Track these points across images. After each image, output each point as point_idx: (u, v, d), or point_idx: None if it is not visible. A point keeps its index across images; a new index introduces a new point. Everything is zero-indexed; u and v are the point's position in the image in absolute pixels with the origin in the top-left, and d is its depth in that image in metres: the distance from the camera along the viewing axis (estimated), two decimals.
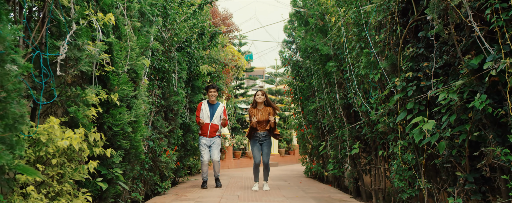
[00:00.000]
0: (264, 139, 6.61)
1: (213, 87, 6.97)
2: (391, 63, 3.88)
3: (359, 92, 4.82)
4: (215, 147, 6.99)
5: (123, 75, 3.38)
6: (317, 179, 9.30)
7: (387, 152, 4.71)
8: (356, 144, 5.61)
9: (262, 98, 6.59)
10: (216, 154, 6.99)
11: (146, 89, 4.77)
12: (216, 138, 7.05)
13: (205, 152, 6.94)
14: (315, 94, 8.12)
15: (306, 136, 8.99)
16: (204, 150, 6.94)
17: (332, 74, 6.24)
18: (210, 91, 6.97)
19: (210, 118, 6.97)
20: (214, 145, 6.99)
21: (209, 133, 6.96)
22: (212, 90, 6.96)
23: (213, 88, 6.96)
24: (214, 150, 6.98)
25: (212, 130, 6.98)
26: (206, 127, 6.98)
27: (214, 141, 7.00)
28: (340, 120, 6.31)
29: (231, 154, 15.63)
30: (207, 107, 7.01)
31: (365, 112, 5.03)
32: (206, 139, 6.98)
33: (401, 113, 3.75)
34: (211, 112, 6.99)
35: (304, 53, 7.37)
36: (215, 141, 7.01)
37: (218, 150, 7.02)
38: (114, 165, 3.44)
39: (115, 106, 3.38)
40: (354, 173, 6.09)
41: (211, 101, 7.04)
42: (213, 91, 6.96)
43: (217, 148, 7.02)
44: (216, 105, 7.09)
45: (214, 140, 7.01)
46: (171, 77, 6.21)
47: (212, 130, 6.98)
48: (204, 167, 7.05)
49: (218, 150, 7.04)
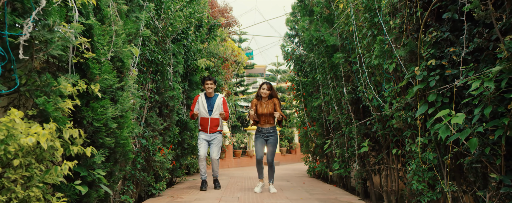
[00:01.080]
0: (269, 135, 6.06)
1: (210, 79, 6.42)
2: (409, 51, 3.45)
3: (370, 85, 4.39)
4: (215, 144, 6.46)
5: (105, 63, 2.95)
6: (321, 179, 8.87)
7: (401, 151, 4.28)
8: (365, 142, 5.18)
9: (267, 93, 6.02)
10: (216, 151, 6.45)
11: (136, 82, 4.34)
12: (217, 134, 6.51)
13: (202, 146, 6.38)
14: (319, 89, 7.69)
15: (310, 134, 8.56)
16: (202, 144, 6.39)
17: (338, 67, 5.81)
18: (207, 83, 6.43)
19: (209, 112, 6.45)
20: (215, 141, 6.47)
21: (209, 128, 6.44)
22: (209, 82, 6.40)
23: (210, 80, 6.41)
24: (214, 147, 6.45)
25: (213, 125, 6.46)
26: (205, 121, 6.46)
27: (214, 137, 6.48)
28: (347, 116, 5.89)
29: (231, 153, 15.22)
30: (204, 100, 6.47)
31: (376, 107, 4.60)
32: (206, 135, 6.46)
33: (421, 106, 3.32)
34: (209, 105, 6.47)
35: (308, 46, 6.94)
36: (216, 138, 6.48)
37: (218, 147, 6.49)
38: (96, 166, 3.02)
39: (97, 98, 2.95)
40: (362, 173, 5.66)
41: (208, 94, 6.50)
42: (209, 83, 6.40)
43: (218, 146, 6.48)
44: (214, 97, 6.56)
45: (215, 136, 6.48)
46: (166, 71, 5.78)
47: (212, 125, 6.46)
48: (201, 163, 6.48)
49: (218, 147, 6.50)
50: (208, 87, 6.44)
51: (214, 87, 6.52)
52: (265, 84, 6.08)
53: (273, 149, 6.08)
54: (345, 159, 6.49)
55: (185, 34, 6.68)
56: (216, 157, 6.50)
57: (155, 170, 5.87)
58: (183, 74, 7.34)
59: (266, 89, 6.01)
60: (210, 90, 6.45)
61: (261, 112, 6.02)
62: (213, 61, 8.11)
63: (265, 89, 6.02)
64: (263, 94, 6.01)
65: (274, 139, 6.08)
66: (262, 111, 6.02)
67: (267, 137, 6.07)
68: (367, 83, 4.58)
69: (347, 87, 5.60)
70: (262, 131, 6.07)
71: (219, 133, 6.56)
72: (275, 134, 6.10)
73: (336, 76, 6.11)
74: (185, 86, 7.38)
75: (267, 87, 6.03)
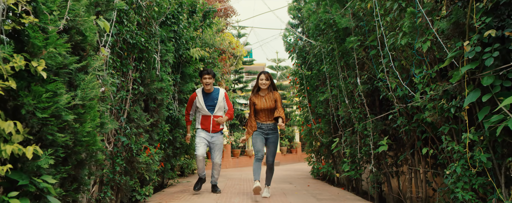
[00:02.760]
0: (271, 132, 5.31)
1: (208, 72, 5.63)
2: (454, 22, 2.69)
3: (395, 70, 3.63)
4: (217, 147, 5.75)
5: (53, 34, 2.19)
6: (327, 181, 8.11)
7: (434, 150, 3.52)
8: (383, 140, 4.43)
9: (266, 83, 5.23)
10: (218, 155, 5.75)
11: (112, 67, 3.57)
12: (219, 135, 5.79)
13: (201, 146, 5.60)
14: (325, 83, 6.93)
15: (314, 132, 7.80)
16: (201, 142, 5.62)
17: (351, 54, 5.04)
18: (204, 77, 5.65)
19: (210, 110, 5.71)
20: (216, 144, 5.75)
21: (212, 127, 5.72)
22: (207, 77, 5.63)
23: (208, 74, 5.62)
24: (216, 151, 5.74)
25: (216, 124, 5.75)
26: (207, 120, 5.72)
27: (216, 139, 5.74)
28: (361, 111, 5.13)
29: (229, 152, 14.47)
30: (202, 97, 5.71)
31: (401, 98, 3.84)
32: (207, 134, 5.71)
33: (471, 93, 2.56)
34: (210, 102, 5.71)
35: (315, 32, 6.18)
36: (218, 139, 5.76)
37: (220, 151, 5.80)
38: (43, 171, 2.25)
39: (42, 80, 2.19)
40: (379, 176, 4.90)
41: (206, 90, 5.72)
42: (207, 78, 5.62)
43: (220, 149, 5.79)
44: (214, 92, 5.79)
45: (217, 137, 5.76)
46: (152, 58, 5.01)
47: (215, 124, 5.74)
48: (199, 163, 5.70)
49: (221, 150, 5.81)
50: (206, 83, 5.65)
51: (213, 81, 5.73)
52: (263, 74, 5.29)
53: (274, 148, 5.32)
54: (358, 160, 5.74)
55: (176, 19, 5.91)
56: (219, 160, 5.78)
57: (140, 172, 5.11)
58: (174, 65, 6.57)
59: (265, 80, 5.23)
60: (209, 86, 5.67)
61: (261, 107, 5.27)
62: (208, 52, 7.34)
63: (263, 79, 5.24)
64: (262, 86, 5.24)
65: (275, 137, 5.33)
66: (261, 105, 5.27)
67: (268, 134, 5.33)
68: (389, 69, 3.82)
69: (361, 76, 4.85)
70: (262, 127, 5.34)
71: (221, 133, 5.82)
72: (276, 131, 5.36)
73: (347, 66, 5.35)
74: (176, 78, 6.61)
75: (266, 77, 5.26)
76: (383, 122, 4.71)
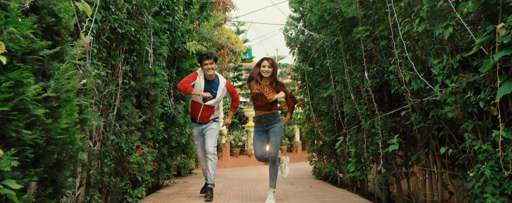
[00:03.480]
0: (271, 124, 4.63)
1: (208, 56, 4.88)
2: (483, 3, 2.34)
3: (410, 61, 3.29)
4: (209, 133, 5.05)
5: (15, 12, 1.84)
6: (330, 182, 7.78)
7: (453, 149, 3.18)
8: (394, 138, 4.09)
9: (269, 71, 4.52)
10: (211, 142, 5.01)
11: (96, 58, 3.23)
12: (212, 123, 5.14)
13: (199, 146, 5.18)
14: (329, 78, 6.59)
15: (317, 130, 7.45)
16: (197, 143, 5.19)
17: (358, 46, 4.70)
18: (205, 62, 4.90)
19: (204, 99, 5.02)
20: (209, 130, 5.07)
21: (199, 116, 5.08)
22: (208, 62, 4.89)
23: (209, 59, 4.87)
24: (208, 138, 5.03)
25: (205, 115, 5.09)
26: (196, 108, 5.09)
27: (208, 127, 5.11)
28: (368, 107, 4.79)
29: (228, 151, 14.12)
30: (203, 81, 4.97)
31: (415, 92, 3.50)
32: (197, 127, 5.15)
33: (504, 84, 2.22)
34: (207, 89, 5.01)
35: (319, 23, 5.83)
36: (209, 126, 5.10)
37: (213, 137, 5.06)
38: (7, 175, 1.91)
39: (3, 67, 1.85)
40: (388, 177, 4.56)
41: (208, 76, 5.01)
42: (209, 63, 4.89)
43: (212, 135, 5.06)
44: (216, 80, 5.09)
45: (208, 125, 5.12)
46: (145, 51, 4.67)
47: (204, 115, 5.08)
48: (202, 163, 5.32)
49: (214, 137, 5.07)
50: (207, 68, 4.92)
51: (215, 67, 5.05)
52: (266, 60, 4.57)
53: (277, 139, 4.61)
54: (363, 160, 5.41)
55: (170, 10, 5.57)
56: (212, 149, 5.00)
57: (131, 173, 4.77)
58: (169, 60, 6.23)
59: (267, 66, 4.51)
60: (210, 72, 4.94)
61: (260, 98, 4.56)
62: (206, 46, 6.99)
63: (266, 66, 4.52)
64: (264, 73, 4.52)
65: (277, 127, 4.63)
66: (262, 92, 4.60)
67: (268, 126, 4.67)
68: (402, 61, 3.48)
69: (370, 70, 4.50)
70: (261, 120, 4.70)
71: (214, 121, 5.18)
72: (278, 120, 4.68)
73: (353, 59, 5.01)
74: (171, 74, 6.26)
75: (269, 63, 4.52)
76: (393, 119, 4.37)
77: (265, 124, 4.69)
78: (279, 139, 4.64)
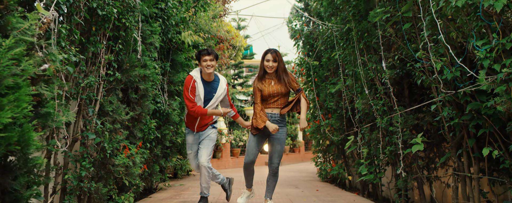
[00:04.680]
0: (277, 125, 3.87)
1: (209, 52, 4.09)
2: None
3: (445, 44, 2.73)
4: (206, 143, 4.22)
5: None
6: (338, 185, 7.21)
7: (499, 151, 2.62)
8: (418, 137, 3.53)
9: (273, 66, 3.87)
10: (204, 154, 4.16)
11: (63, 39, 2.67)
12: (209, 130, 4.30)
13: (192, 156, 4.33)
14: (337, 72, 6.04)
15: (323, 129, 6.90)
16: (191, 152, 4.34)
17: (373, 33, 4.15)
18: (205, 59, 4.08)
19: (205, 102, 4.18)
20: (206, 140, 4.24)
21: (197, 125, 4.24)
22: (208, 58, 4.07)
23: (209, 55, 4.08)
24: (203, 148, 4.19)
25: (202, 123, 4.27)
26: (193, 116, 4.23)
27: (205, 135, 4.27)
28: (385, 102, 4.23)
29: (228, 152, 13.58)
30: (202, 87, 4.15)
31: (450, 82, 2.94)
32: (193, 135, 4.30)
33: None
34: (207, 93, 4.17)
35: (327, 10, 5.27)
36: (207, 135, 4.27)
37: (209, 148, 4.22)
38: None
39: None
40: (408, 182, 4.00)
41: (207, 75, 4.15)
42: (208, 60, 4.07)
43: (209, 145, 4.23)
44: (215, 81, 4.26)
45: (206, 132, 4.28)
46: (132, 39, 4.12)
47: (203, 122, 4.27)
48: (197, 170, 4.51)
49: (209, 148, 4.23)
50: (207, 66, 4.08)
51: (216, 65, 4.24)
52: (270, 53, 3.89)
53: (281, 148, 3.97)
54: (376, 161, 4.86)
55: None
56: (205, 162, 4.15)
57: (117, 177, 4.22)
58: (163, 52, 5.67)
59: (271, 61, 3.87)
60: (210, 70, 4.09)
61: (269, 92, 3.89)
62: (203, 37, 6.44)
63: (270, 60, 3.87)
64: (269, 69, 3.88)
65: (284, 134, 3.98)
66: (269, 89, 3.90)
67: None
68: (432, 45, 2.92)
69: (388, 60, 3.95)
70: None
71: (212, 127, 4.34)
72: (283, 125, 4.00)
73: (367, 48, 4.45)
74: (165, 67, 5.71)
75: (273, 57, 3.87)
76: (415, 116, 3.82)
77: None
78: (283, 147, 4.03)
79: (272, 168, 4.04)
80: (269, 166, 4.05)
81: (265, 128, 3.88)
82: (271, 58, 3.90)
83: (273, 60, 3.90)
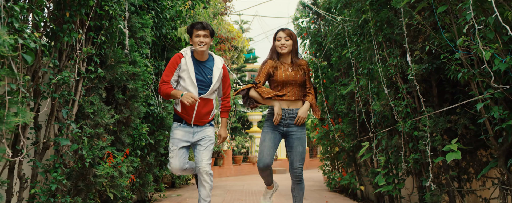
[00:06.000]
0: (293, 125, 3.23)
1: (204, 27, 3.26)
2: None
3: (502, 24, 2.17)
4: (206, 144, 3.36)
5: None
6: (348, 196, 6.63)
7: None
8: (452, 144, 2.97)
9: (288, 45, 3.22)
10: (206, 157, 3.32)
11: (18, 21, 2.13)
12: (206, 128, 3.42)
13: (178, 154, 3.34)
14: (350, 71, 5.48)
15: (333, 135, 6.32)
16: (175, 149, 3.34)
17: (396, 23, 3.60)
18: (197, 34, 3.25)
19: (200, 87, 3.32)
20: (205, 140, 3.37)
21: (195, 116, 3.32)
22: (201, 33, 3.24)
23: (204, 29, 3.25)
24: (203, 150, 3.33)
25: (202, 112, 3.34)
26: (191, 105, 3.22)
27: (201, 134, 3.37)
28: (408, 103, 3.67)
29: (230, 159, 13.00)
30: (192, 64, 3.31)
31: (499, 75, 2.38)
32: (187, 130, 3.36)
33: None
34: (200, 75, 3.34)
35: (339, 2, 4.73)
36: (204, 133, 3.38)
37: (209, 150, 3.37)
38: None
39: None
40: (439, 195, 3.42)
41: (198, 55, 3.35)
42: (202, 36, 3.25)
43: (210, 147, 3.39)
44: (210, 60, 3.42)
45: (202, 131, 3.38)
46: (118, 30, 3.59)
47: (201, 112, 3.33)
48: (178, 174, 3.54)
49: (210, 150, 3.39)
50: (199, 42, 3.25)
51: (210, 43, 3.39)
52: (282, 31, 3.24)
53: (303, 149, 3.28)
54: (396, 171, 4.30)
55: None
56: (208, 168, 3.32)
57: (99, 189, 3.67)
58: (156, 49, 5.13)
59: (284, 39, 3.21)
60: (204, 48, 3.27)
61: (283, 78, 3.20)
62: None
63: (282, 38, 3.21)
64: (281, 49, 3.20)
65: (304, 132, 3.30)
66: (283, 75, 3.20)
67: (289, 126, 3.23)
68: (481, 28, 2.36)
69: (414, 52, 3.39)
70: (283, 114, 3.22)
71: (210, 125, 3.47)
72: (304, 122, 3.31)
73: (387, 41, 3.90)
74: (159, 66, 5.17)
75: (286, 34, 3.22)
76: (447, 118, 3.25)
77: (286, 123, 3.24)
78: (305, 148, 3.32)
79: (295, 175, 3.30)
80: (291, 173, 3.31)
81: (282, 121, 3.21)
82: (283, 35, 3.24)
83: (286, 37, 3.23)
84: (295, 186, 3.34)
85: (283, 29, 3.28)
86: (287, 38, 3.23)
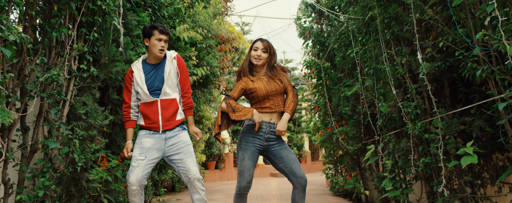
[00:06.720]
0: (274, 137, 2.98)
1: (166, 32, 3.02)
2: None
3: None
4: (187, 150, 3.02)
5: None
6: (352, 200, 6.43)
7: None
8: (467, 147, 2.78)
9: (263, 57, 2.98)
10: (193, 164, 2.99)
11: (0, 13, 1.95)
12: (180, 132, 3.06)
13: (136, 165, 2.89)
14: (354, 72, 5.30)
15: (336, 137, 6.13)
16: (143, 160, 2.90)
17: (405, 19, 3.41)
18: (159, 37, 2.99)
19: (152, 91, 3.01)
20: (183, 146, 3.02)
21: (162, 119, 3.00)
22: (163, 37, 3.00)
23: (166, 35, 3.02)
24: (188, 158, 2.99)
25: (168, 113, 3.02)
26: (151, 109, 3.00)
27: (175, 139, 3.02)
28: (418, 104, 3.48)
29: (231, 162, 12.81)
30: (141, 71, 3.03)
31: None
32: (157, 136, 3.01)
33: None
34: (154, 80, 3.03)
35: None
36: (178, 138, 3.03)
37: (193, 155, 3.05)
38: None
39: None
40: (451, 202, 3.22)
41: (154, 58, 3.07)
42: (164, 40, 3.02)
43: (192, 153, 3.06)
44: (162, 61, 3.09)
45: (176, 136, 3.04)
46: (112, 27, 3.41)
47: (166, 113, 3.01)
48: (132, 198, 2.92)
49: (193, 155, 3.07)
50: (160, 46, 2.99)
51: (166, 46, 3.06)
52: (260, 41, 3.01)
53: (293, 155, 3.03)
54: (401, 175, 4.12)
55: None
56: (199, 174, 3.00)
57: (93, 195, 3.48)
58: None
59: (260, 50, 2.97)
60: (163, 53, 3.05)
61: (267, 91, 2.97)
62: (202, 34, 5.73)
63: (258, 49, 2.98)
64: (256, 60, 2.97)
65: (282, 143, 3.05)
66: (267, 88, 2.97)
67: (270, 140, 2.98)
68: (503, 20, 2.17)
69: (425, 50, 3.20)
70: (262, 128, 2.96)
71: (182, 129, 3.10)
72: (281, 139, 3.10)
73: (395, 39, 3.71)
74: None
75: (264, 46, 2.98)
76: (461, 119, 3.06)
77: (265, 137, 2.97)
78: (294, 155, 3.06)
79: (302, 185, 2.97)
80: (295, 182, 2.98)
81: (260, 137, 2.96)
82: (261, 46, 2.99)
83: (263, 49, 2.99)
84: (299, 195, 3.01)
85: (262, 40, 3.03)
86: (264, 50, 2.99)
